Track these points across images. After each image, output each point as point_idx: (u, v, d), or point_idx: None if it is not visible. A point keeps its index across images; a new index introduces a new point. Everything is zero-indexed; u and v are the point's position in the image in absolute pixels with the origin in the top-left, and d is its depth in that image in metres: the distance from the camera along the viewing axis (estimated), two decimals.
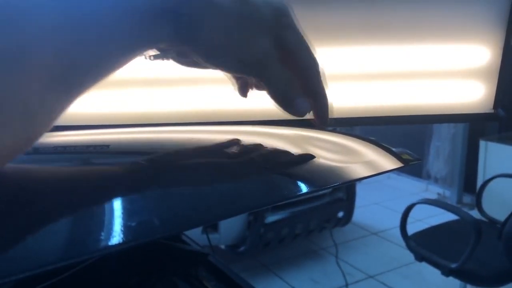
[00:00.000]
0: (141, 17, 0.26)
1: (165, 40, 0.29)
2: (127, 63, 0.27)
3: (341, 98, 0.61)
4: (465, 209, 2.17)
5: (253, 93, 0.37)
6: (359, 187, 2.78)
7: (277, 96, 0.34)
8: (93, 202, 0.25)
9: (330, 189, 2.49)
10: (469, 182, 3.43)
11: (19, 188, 0.23)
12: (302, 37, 0.34)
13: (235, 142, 0.42)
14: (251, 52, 0.32)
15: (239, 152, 0.37)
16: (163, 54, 0.33)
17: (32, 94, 0.21)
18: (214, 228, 2.20)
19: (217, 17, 0.30)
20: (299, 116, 0.35)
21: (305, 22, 0.34)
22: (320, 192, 2.44)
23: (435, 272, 1.68)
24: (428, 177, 3.89)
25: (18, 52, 0.20)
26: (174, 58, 0.34)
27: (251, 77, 0.36)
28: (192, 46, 0.30)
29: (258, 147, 0.39)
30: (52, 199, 0.25)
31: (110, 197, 0.26)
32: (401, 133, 3.68)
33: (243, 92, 0.38)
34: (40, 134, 0.23)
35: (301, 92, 0.34)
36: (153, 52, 0.32)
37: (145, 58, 0.32)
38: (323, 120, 0.36)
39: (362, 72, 0.61)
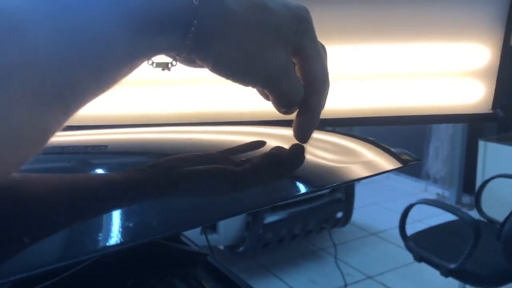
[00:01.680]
0: (144, 27, 0.24)
1: (171, 49, 0.27)
2: (130, 72, 0.25)
3: (339, 98, 0.61)
4: (464, 210, 2.17)
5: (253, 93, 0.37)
6: (358, 188, 2.78)
7: (280, 104, 0.32)
8: (91, 202, 0.25)
9: (329, 190, 2.49)
10: (468, 183, 3.44)
11: (18, 188, 0.23)
12: (318, 47, 0.32)
13: (235, 142, 0.42)
14: (266, 66, 0.29)
15: (237, 153, 0.37)
16: (165, 64, 0.30)
17: (21, 117, 0.19)
18: (213, 228, 2.20)
19: (231, 27, 0.27)
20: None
21: None
22: (319, 193, 2.44)
23: (434, 273, 1.69)
24: (427, 177, 3.89)
25: (2, 73, 0.18)
26: (180, 62, 0.31)
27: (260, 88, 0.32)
28: (200, 56, 0.28)
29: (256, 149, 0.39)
30: (51, 200, 0.25)
31: (108, 198, 0.26)
32: (400, 134, 3.68)
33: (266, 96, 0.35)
34: (32, 154, 0.21)
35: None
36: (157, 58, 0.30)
37: (148, 63, 0.29)
38: (303, 138, 0.34)
39: (360, 72, 0.61)
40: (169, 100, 0.58)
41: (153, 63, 0.29)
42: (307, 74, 0.32)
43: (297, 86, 0.31)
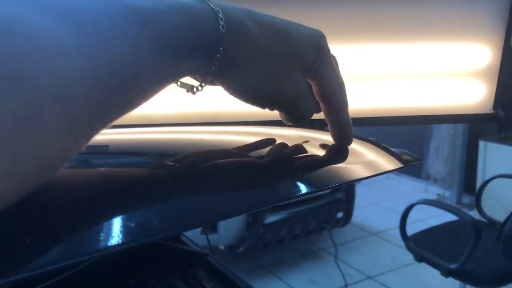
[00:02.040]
0: (172, 53, 0.24)
1: (195, 73, 0.27)
2: (153, 96, 0.25)
3: None
4: (465, 210, 2.17)
5: None
6: (358, 188, 2.78)
7: (291, 121, 0.34)
8: (92, 202, 0.25)
9: (329, 190, 2.49)
10: (468, 183, 3.43)
11: None
12: (334, 70, 0.33)
13: (235, 143, 0.42)
14: (286, 93, 0.30)
15: (238, 153, 0.37)
16: (191, 86, 0.31)
17: (48, 147, 0.19)
18: (213, 228, 2.20)
19: (254, 55, 0.28)
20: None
21: (303, 20, 0.33)
22: (320, 193, 2.44)
23: (435, 273, 1.68)
24: (427, 177, 3.89)
25: (31, 108, 0.17)
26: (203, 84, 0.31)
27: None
28: (223, 81, 0.29)
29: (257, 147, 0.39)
30: (51, 200, 0.25)
31: (109, 198, 0.26)
32: (400, 134, 3.68)
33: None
34: (48, 178, 0.21)
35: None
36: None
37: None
38: (347, 144, 0.36)
39: (361, 72, 0.61)
40: (169, 100, 0.58)
41: (177, 81, 0.30)
42: (326, 93, 0.33)
43: (312, 108, 0.33)
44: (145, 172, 0.32)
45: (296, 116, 0.33)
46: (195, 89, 0.30)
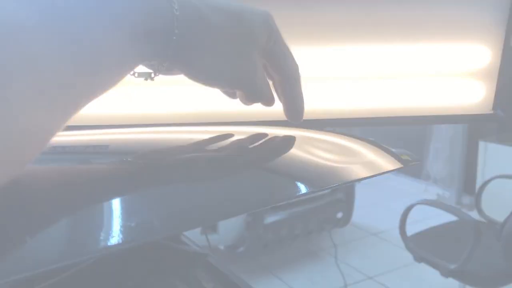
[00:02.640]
0: (133, 36, 0.25)
1: (155, 57, 0.29)
2: (119, 80, 0.27)
3: (340, 98, 0.61)
4: (465, 210, 2.17)
5: None
6: (358, 188, 2.78)
7: (249, 99, 0.35)
8: (92, 202, 0.25)
9: (329, 190, 2.49)
10: (468, 183, 3.43)
11: (18, 188, 0.23)
12: (286, 48, 0.35)
13: (234, 141, 0.42)
14: (245, 72, 0.32)
15: (238, 151, 0.37)
16: (149, 74, 0.32)
17: (25, 118, 0.20)
18: (213, 228, 2.20)
19: (210, 37, 0.29)
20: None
21: (302, 20, 0.34)
22: (320, 193, 2.44)
23: (435, 273, 1.68)
24: (427, 178, 3.88)
25: (4, 78, 0.19)
26: (162, 73, 0.33)
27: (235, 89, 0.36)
28: (181, 65, 0.30)
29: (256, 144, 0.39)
30: (51, 199, 0.25)
31: (109, 198, 0.26)
32: (400, 134, 3.68)
33: (234, 95, 0.39)
34: (35, 154, 0.22)
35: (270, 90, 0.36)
36: (139, 68, 0.31)
37: (130, 74, 0.31)
38: (298, 119, 0.37)
39: (361, 72, 0.61)
40: (169, 100, 0.58)
41: (134, 73, 0.31)
42: (283, 70, 0.35)
43: (268, 84, 0.35)
44: (144, 172, 0.32)
45: (255, 94, 0.34)
46: (152, 75, 0.32)
